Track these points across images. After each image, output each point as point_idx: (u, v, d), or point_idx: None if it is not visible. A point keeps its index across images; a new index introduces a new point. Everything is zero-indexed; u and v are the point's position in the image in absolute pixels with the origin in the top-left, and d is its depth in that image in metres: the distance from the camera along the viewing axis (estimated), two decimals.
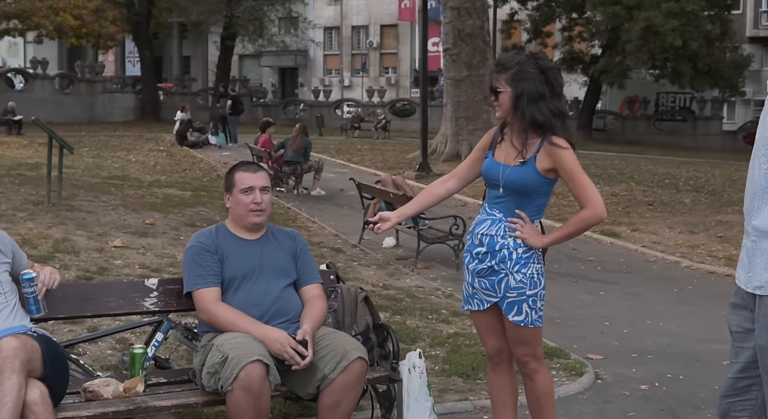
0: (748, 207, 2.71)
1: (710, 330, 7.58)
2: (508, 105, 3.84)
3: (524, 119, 3.81)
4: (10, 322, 3.70)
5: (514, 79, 3.81)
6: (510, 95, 3.82)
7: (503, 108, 3.87)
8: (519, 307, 3.87)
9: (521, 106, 3.80)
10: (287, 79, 59.20)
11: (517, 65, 3.83)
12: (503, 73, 3.84)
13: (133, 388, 3.91)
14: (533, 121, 3.79)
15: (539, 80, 3.81)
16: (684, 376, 6.11)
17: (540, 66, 3.84)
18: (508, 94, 3.82)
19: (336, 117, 43.23)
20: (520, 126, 3.85)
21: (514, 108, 3.83)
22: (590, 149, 33.17)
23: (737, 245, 11.89)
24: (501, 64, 3.90)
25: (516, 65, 3.83)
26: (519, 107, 3.81)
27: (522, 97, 3.79)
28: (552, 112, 3.82)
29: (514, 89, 3.81)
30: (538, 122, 3.79)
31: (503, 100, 3.85)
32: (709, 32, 34.49)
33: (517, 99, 3.81)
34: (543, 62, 3.87)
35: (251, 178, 4.20)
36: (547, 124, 3.80)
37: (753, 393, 2.87)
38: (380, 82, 54.03)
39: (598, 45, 39.49)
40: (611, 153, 31.38)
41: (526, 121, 3.81)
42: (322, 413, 3.97)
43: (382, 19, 56.81)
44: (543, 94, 3.80)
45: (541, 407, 4.09)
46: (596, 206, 3.83)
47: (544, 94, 3.81)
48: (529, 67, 3.82)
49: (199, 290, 4.06)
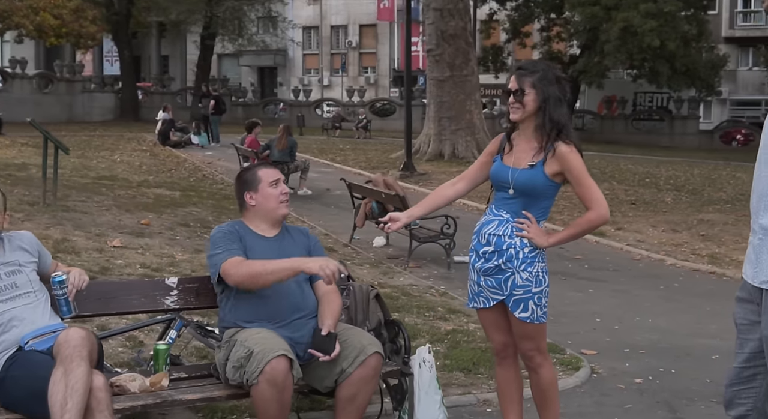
0: (755, 206, 2.90)
1: (697, 326, 7.82)
2: (533, 107, 3.99)
3: (549, 121, 3.97)
4: (46, 320, 3.87)
5: (541, 81, 3.98)
6: (535, 97, 3.98)
7: (527, 109, 4.00)
8: (525, 304, 4.05)
9: (548, 108, 3.97)
10: (266, 78, 59.22)
11: (543, 70, 4.02)
12: (529, 77, 4.00)
13: (159, 383, 4.06)
14: (557, 122, 3.96)
15: (557, 88, 4.01)
16: (676, 370, 6.32)
17: (557, 76, 4.04)
18: (533, 95, 3.98)
19: (316, 117, 43.37)
20: (539, 127, 4.00)
21: (538, 109, 4.00)
22: None
23: (719, 243, 12.20)
24: (526, 68, 4.08)
25: (542, 69, 4.02)
26: (545, 109, 3.98)
27: (549, 100, 3.97)
28: (567, 117, 4.03)
29: (539, 92, 3.98)
30: (561, 123, 3.97)
31: (528, 102, 3.99)
32: (686, 33, 34.91)
33: (544, 101, 3.97)
34: (558, 72, 4.08)
35: (275, 172, 4.40)
36: (566, 127, 3.99)
37: (757, 382, 3.06)
38: (359, 82, 54.18)
39: (576, 45, 39.86)
40: (591, 152, 31.63)
41: (548, 122, 3.97)
42: (339, 405, 4.14)
43: (360, 19, 56.97)
44: (562, 100, 4.00)
45: (546, 399, 4.27)
46: (601, 208, 4.03)
47: (562, 100, 4.00)
48: (551, 73, 4.01)
49: (228, 259, 4.12)
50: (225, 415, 4.80)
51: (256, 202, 4.37)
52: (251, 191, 4.38)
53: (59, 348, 3.50)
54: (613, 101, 44.32)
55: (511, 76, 4.13)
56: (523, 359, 4.26)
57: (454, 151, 22.26)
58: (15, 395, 3.63)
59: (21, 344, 3.75)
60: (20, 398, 3.62)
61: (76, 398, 3.38)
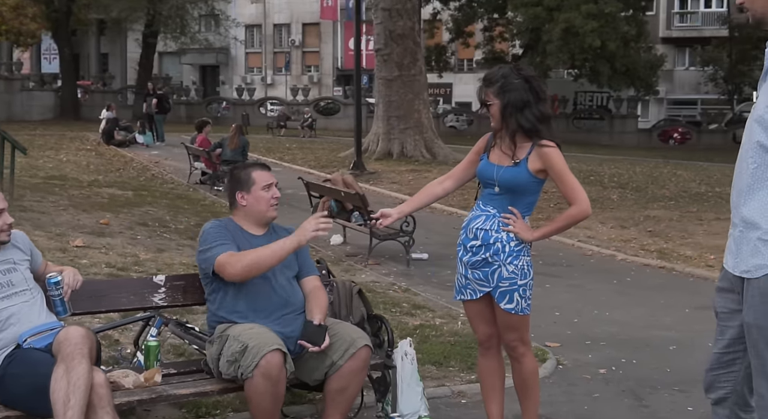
0: (735, 201, 3.10)
1: (652, 318, 8.09)
2: (498, 115, 4.19)
3: (512, 126, 4.17)
4: (44, 318, 3.93)
5: (501, 91, 4.17)
6: (498, 106, 4.18)
7: (494, 118, 4.22)
8: (510, 296, 4.22)
9: (508, 114, 4.16)
10: (208, 77, 58.91)
11: (502, 78, 4.19)
12: (490, 87, 4.20)
13: (152, 378, 4.14)
14: (520, 126, 4.16)
15: (524, 89, 4.17)
16: (636, 360, 6.56)
17: (523, 76, 4.20)
18: (497, 106, 4.18)
19: (260, 116, 43.29)
20: (508, 132, 4.20)
21: (502, 117, 4.19)
22: None
23: (667, 239, 12.57)
24: (487, 79, 4.26)
25: (501, 78, 4.19)
26: (506, 116, 4.17)
27: (508, 107, 4.15)
28: (537, 117, 4.19)
29: (501, 100, 4.17)
30: (524, 127, 4.16)
31: (493, 111, 4.20)
32: (626, 33, 35.62)
33: (504, 109, 4.17)
34: (525, 72, 4.24)
35: (268, 176, 4.49)
36: (533, 129, 4.17)
37: (736, 366, 3.27)
38: (303, 81, 54.21)
39: (518, 45, 40.39)
40: None
41: (513, 127, 4.17)
42: (329, 397, 4.27)
43: (304, 18, 57.00)
44: (528, 102, 4.16)
45: (528, 388, 4.45)
46: (583, 204, 4.22)
47: (529, 102, 4.17)
48: (513, 78, 4.18)
49: (223, 254, 4.21)
50: (209, 410, 4.90)
51: (247, 203, 4.47)
52: (243, 191, 4.47)
53: (60, 345, 3.57)
54: (554, 100, 44.93)
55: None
56: (507, 349, 4.42)
57: (402, 150, 22.47)
58: (15, 392, 3.68)
59: (19, 342, 3.81)
60: (20, 395, 3.67)
61: (78, 395, 3.45)
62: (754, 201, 2.99)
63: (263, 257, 4.16)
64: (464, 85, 53.40)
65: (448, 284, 9.32)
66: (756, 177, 2.99)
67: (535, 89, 4.20)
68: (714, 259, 11.07)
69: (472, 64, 51.83)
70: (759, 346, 3.02)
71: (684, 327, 7.73)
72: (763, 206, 2.97)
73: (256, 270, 4.18)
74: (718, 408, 3.40)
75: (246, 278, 4.20)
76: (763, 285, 2.96)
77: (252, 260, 4.16)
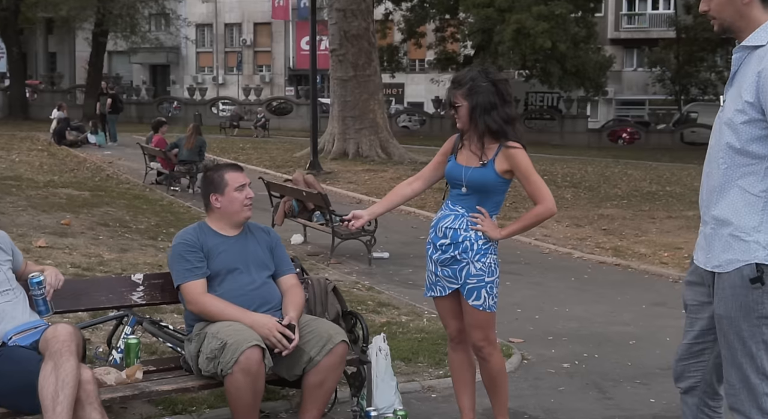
0: (705, 200, 3.25)
1: (612, 314, 8.30)
2: (466, 117, 4.32)
3: (480, 128, 4.30)
4: (27, 317, 3.97)
5: (469, 93, 4.30)
6: (466, 108, 4.31)
7: (462, 120, 4.35)
8: (478, 293, 4.35)
9: (476, 116, 4.29)
10: (158, 76, 58.49)
11: (470, 81, 4.32)
12: (459, 89, 4.33)
13: (133, 375, 4.21)
14: (488, 128, 4.29)
15: (491, 92, 4.30)
16: (598, 355, 6.74)
17: (491, 79, 4.34)
18: (465, 107, 4.31)
19: (212, 115, 43.08)
20: (476, 134, 4.33)
21: (470, 118, 4.32)
22: None
23: (621, 237, 12.84)
24: (456, 81, 4.39)
25: (469, 81, 4.32)
26: (474, 118, 4.30)
27: (476, 109, 4.28)
28: (503, 119, 4.32)
29: (469, 102, 4.30)
30: (491, 129, 4.29)
31: (461, 113, 4.33)
32: (576, 34, 36.12)
33: (472, 110, 4.29)
34: (493, 75, 4.38)
35: (241, 176, 4.57)
36: (500, 130, 4.30)
37: (705, 356, 3.42)
38: (254, 81, 54.07)
39: (470, 46, 40.70)
40: None
41: (481, 129, 4.30)
42: (307, 392, 4.36)
43: (255, 17, 56.85)
44: (495, 104, 4.30)
45: (497, 385, 4.58)
46: (549, 202, 4.36)
47: (495, 104, 4.30)
48: (481, 81, 4.31)
49: (188, 282, 4.36)
50: (185, 407, 4.96)
51: (221, 204, 4.55)
52: (217, 194, 4.55)
53: (47, 343, 3.62)
54: None
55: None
56: (474, 350, 4.53)
57: (358, 149, 22.57)
58: (1, 389, 3.71)
59: (4, 340, 3.85)
60: (6, 392, 3.70)
61: (67, 391, 3.50)
62: (725, 200, 3.15)
63: (222, 316, 4.27)
64: (416, 86, 53.74)
65: (410, 283, 9.48)
66: (727, 177, 3.14)
67: (501, 92, 4.33)
68: (668, 256, 11.35)
69: (424, 64, 52.15)
70: (729, 337, 3.17)
71: (642, 322, 7.94)
72: (733, 204, 3.12)
73: (209, 318, 4.32)
74: (687, 397, 3.55)
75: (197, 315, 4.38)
76: (734, 279, 3.11)
77: (211, 312, 4.30)
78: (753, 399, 3.17)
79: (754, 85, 3.04)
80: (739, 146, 3.10)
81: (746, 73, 3.12)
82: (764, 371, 3.14)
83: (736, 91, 3.14)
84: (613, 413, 5.36)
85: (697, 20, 38.45)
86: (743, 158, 3.10)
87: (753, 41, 3.13)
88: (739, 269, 3.10)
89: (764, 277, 3.06)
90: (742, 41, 3.18)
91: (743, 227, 3.10)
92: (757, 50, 3.10)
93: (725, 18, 3.18)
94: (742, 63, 3.18)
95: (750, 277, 3.08)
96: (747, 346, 3.14)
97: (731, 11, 3.15)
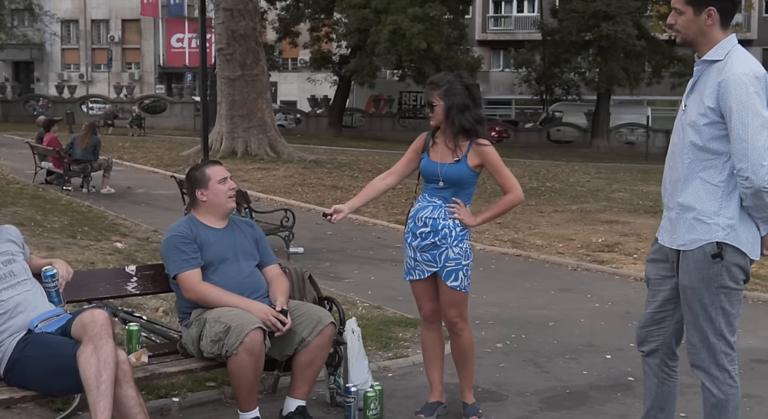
0: (670, 189, 3.85)
1: (525, 300, 8.95)
2: (442, 115, 4.83)
3: (454, 126, 4.82)
4: (47, 306, 4.23)
5: (446, 94, 4.81)
6: (443, 107, 4.81)
7: (437, 118, 4.86)
8: (456, 274, 4.88)
9: (452, 115, 4.81)
10: (21, 73, 56.60)
11: (447, 83, 4.84)
12: (437, 90, 4.84)
13: (140, 358, 4.51)
14: (461, 127, 4.81)
15: (464, 95, 4.83)
16: (525, 335, 7.35)
17: (464, 83, 4.86)
18: (441, 107, 4.82)
19: (83, 114, 42.12)
20: (451, 131, 4.84)
21: (446, 117, 4.82)
22: (343, 145, 34.81)
23: (516, 229, 13.60)
24: (434, 82, 4.90)
25: (446, 83, 4.84)
26: (450, 116, 4.81)
27: (452, 109, 4.80)
28: (475, 119, 4.85)
29: (446, 102, 4.81)
30: (465, 127, 4.81)
31: (437, 112, 4.84)
32: (449, 36, 37.16)
33: (448, 110, 4.81)
34: (466, 80, 4.91)
35: (222, 170, 4.94)
36: (472, 129, 4.83)
37: (666, 323, 4.02)
38: (123, 78, 53.08)
39: (344, 46, 41.26)
40: (364, 149, 33.12)
41: (456, 127, 4.82)
42: (299, 370, 4.76)
43: (123, 14, 55.82)
44: (468, 105, 4.83)
45: (466, 359, 5.12)
46: (518, 191, 4.92)
47: (468, 105, 4.83)
48: (456, 84, 4.83)
49: (185, 272, 4.69)
50: (168, 391, 5.27)
51: (207, 198, 4.89)
52: (202, 188, 4.90)
53: (86, 327, 3.90)
54: (380, 100, 46.24)
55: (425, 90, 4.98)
56: (448, 325, 5.06)
57: (246, 148, 22.75)
58: (31, 373, 3.96)
59: (30, 327, 4.10)
60: (36, 376, 3.96)
61: (108, 370, 3.80)
62: (689, 189, 3.75)
63: (221, 302, 4.60)
64: (289, 84, 53.97)
65: (332, 275, 9.91)
66: (690, 169, 3.75)
67: (473, 96, 4.86)
68: (563, 247, 12.16)
69: (297, 63, 52.44)
70: (692, 304, 3.78)
71: (555, 306, 8.63)
72: (696, 192, 3.73)
73: (206, 304, 4.64)
74: (649, 359, 4.14)
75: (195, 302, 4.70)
76: (697, 255, 3.72)
77: (210, 299, 4.63)
78: (712, 356, 3.79)
79: (715, 93, 3.64)
80: (701, 144, 3.71)
81: (706, 82, 3.72)
82: (722, 332, 3.76)
83: (698, 98, 3.74)
84: (553, 384, 5.95)
85: (562, 24, 40.18)
86: (704, 154, 3.71)
87: (712, 56, 3.73)
88: (702, 247, 3.71)
89: (723, 253, 3.68)
90: (701, 54, 3.78)
91: (705, 212, 3.71)
92: (716, 64, 3.71)
93: (689, 34, 3.76)
94: (702, 74, 3.78)
95: (711, 253, 3.69)
96: (707, 312, 3.75)
97: (695, 29, 3.74)
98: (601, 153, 38.72)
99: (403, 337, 6.97)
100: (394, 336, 6.98)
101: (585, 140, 42.61)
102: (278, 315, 4.60)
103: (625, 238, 13.02)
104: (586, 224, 14.46)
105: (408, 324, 7.35)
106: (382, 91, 45.48)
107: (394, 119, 44.75)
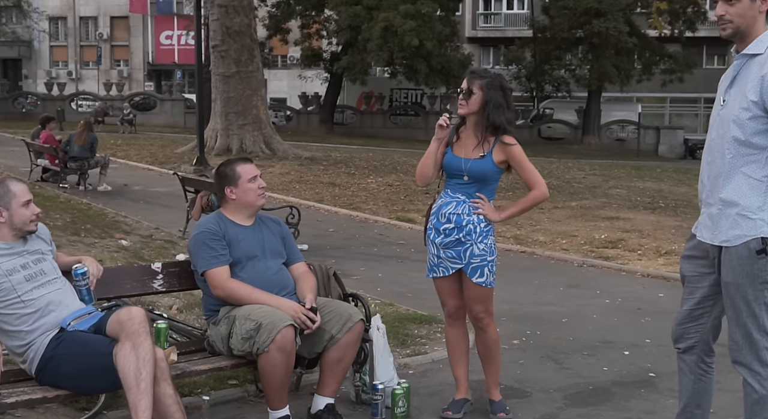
0: (710, 185, 3.82)
1: (535, 296, 8.94)
2: (478, 105, 4.78)
3: (487, 120, 4.78)
4: (78, 304, 4.18)
5: (488, 86, 4.78)
6: (480, 98, 4.77)
7: (471, 107, 4.80)
8: (481, 270, 4.86)
9: (488, 109, 4.77)
10: (9, 71, 56.27)
11: (489, 77, 4.81)
12: (480, 80, 4.80)
13: (169, 356, 4.46)
14: (493, 122, 4.77)
15: (501, 95, 4.81)
16: (540, 332, 7.34)
17: (503, 85, 4.85)
18: (479, 97, 4.77)
19: (72, 111, 41.94)
20: (481, 125, 4.80)
21: (481, 109, 4.78)
22: (334, 142, 34.74)
23: (518, 226, 13.59)
24: (478, 73, 4.88)
25: (489, 77, 4.81)
26: (486, 110, 4.77)
27: (489, 103, 4.77)
28: (507, 120, 4.83)
29: (485, 94, 4.77)
30: (496, 124, 4.78)
31: (474, 101, 4.78)
32: (440, 33, 37.15)
33: (485, 103, 4.77)
34: (506, 83, 4.90)
35: (252, 168, 4.89)
36: (502, 127, 4.80)
37: (704, 320, 4.00)
38: (112, 76, 52.86)
39: (335, 43, 41.20)
40: (356, 146, 33.03)
41: (488, 122, 4.78)
42: (328, 367, 4.73)
43: (112, 11, 55.59)
44: (503, 105, 4.80)
45: (492, 353, 5.10)
46: (543, 188, 4.90)
47: (503, 105, 4.81)
48: (497, 82, 4.82)
49: (213, 269, 4.64)
50: (191, 390, 5.23)
51: (236, 196, 4.85)
52: (231, 186, 4.85)
53: (123, 324, 3.85)
54: (371, 97, 46.18)
55: (465, 78, 4.92)
56: (473, 321, 5.03)
57: (242, 145, 22.68)
58: (64, 372, 3.91)
59: (63, 325, 4.04)
60: (69, 374, 3.90)
61: (148, 368, 3.76)
62: (731, 184, 3.73)
63: (250, 299, 4.57)
64: (278, 81, 53.79)
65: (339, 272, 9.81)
66: (732, 165, 3.72)
67: (507, 98, 4.85)
68: (566, 243, 12.16)
69: (287, 60, 52.33)
70: (735, 300, 3.75)
71: (566, 302, 8.61)
72: (739, 188, 3.70)
73: (235, 302, 4.61)
74: (685, 356, 4.12)
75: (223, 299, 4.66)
76: (741, 251, 3.70)
77: (240, 296, 4.60)
78: (755, 352, 3.77)
79: (758, 87, 3.62)
80: (743, 139, 3.69)
81: (748, 76, 3.70)
82: (765, 328, 3.74)
83: (740, 92, 3.71)
84: (575, 380, 5.93)
85: (554, 21, 40.22)
86: (747, 149, 3.69)
87: (752, 50, 3.71)
88: (746, 243, 3.69)
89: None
90: (740, 49, 3.76)
91: (749, 207, 3.69)
92: (757, 57, 3.69)
93: (742, 24, 3.70)
94: (742, 68, 3.76)
95: (756, 249, 3.66)
96: (751, 308, 3.73)
97: (750, 17, 3.69)
98: (592, 150, 38.80)
99: (419, 334, 6.94)
100: (411, 333, 6.95)
101: (576, 137, 42.70)
102: (308, 312, 4.57)
103: (628, 234, 13.03)
104: (587, 221, 14.47)
105: (422, 320, 7.32)
106: (373, 88, 45.42)
107: (385, 116, 44.70)
